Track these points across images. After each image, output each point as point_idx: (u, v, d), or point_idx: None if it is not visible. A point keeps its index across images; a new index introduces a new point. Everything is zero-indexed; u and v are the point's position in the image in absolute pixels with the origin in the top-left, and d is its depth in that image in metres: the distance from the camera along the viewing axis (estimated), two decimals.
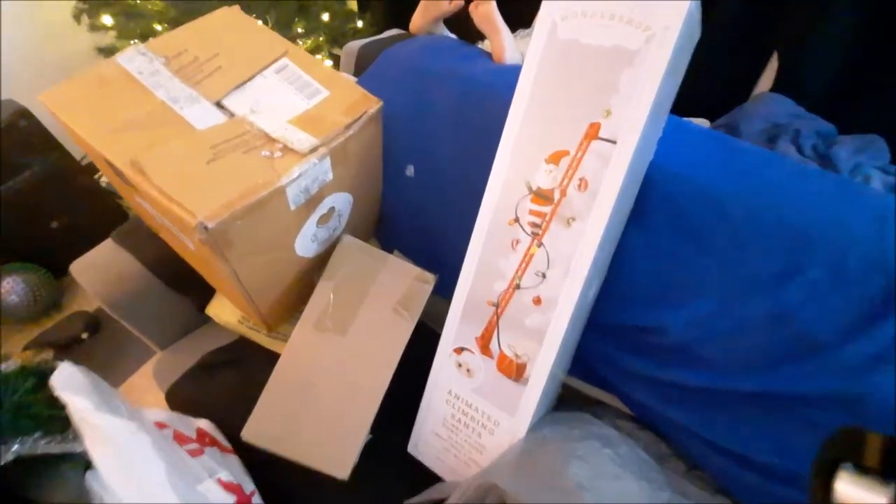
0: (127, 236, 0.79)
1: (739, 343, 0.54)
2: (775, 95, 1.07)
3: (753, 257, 0.54)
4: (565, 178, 0.52)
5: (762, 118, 1.02)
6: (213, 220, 0.46)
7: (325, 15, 1.47)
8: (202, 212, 0.46)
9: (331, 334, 0.62)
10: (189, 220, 0.46)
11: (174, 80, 0.58)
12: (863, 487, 0.22)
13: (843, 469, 0.23)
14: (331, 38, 1.50)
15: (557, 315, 0.54)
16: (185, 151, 0.51)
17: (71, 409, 0.41)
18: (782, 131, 0.99)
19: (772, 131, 1.01)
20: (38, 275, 1.34)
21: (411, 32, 0.90)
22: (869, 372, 0.47)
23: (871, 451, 0.23)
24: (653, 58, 0.46)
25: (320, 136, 0.54)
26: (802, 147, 0.96)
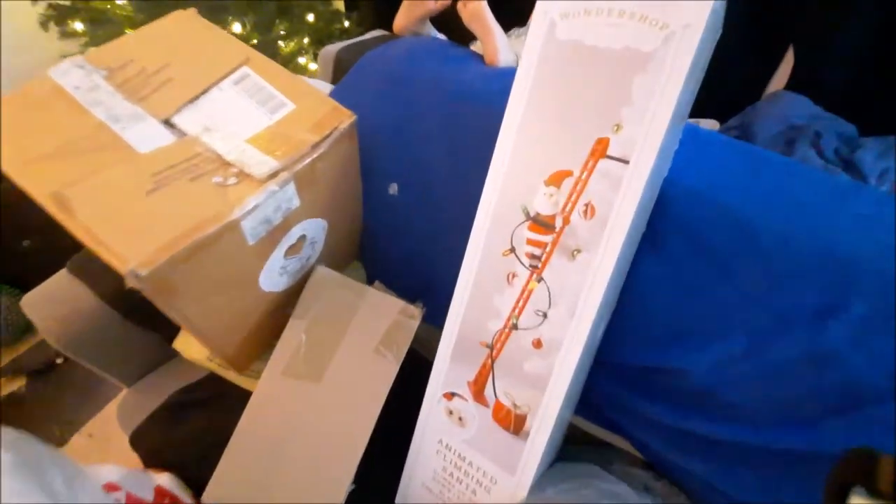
0: (83, 266, 0.71)
1: (773, 391, 0.46)
2: (792, 94, 0.99)
3: (788, 290, 0.46)
4: (568, 202, 0.44)
5: (778, 119, 0.94)
6: (147, 266, 0.38)
7: (309, 15, 1.40)
8: (134, 257, 0.38)
9: (303, 381, 0.55)
10: (119, 267, 0.38)
11: (116, 96, 0.50)
12: None
13: (856, 493, 0.23)
14: (316, 40, 1.42)
15: (562, 361, 0.46)
16: (122, 181, 0.43)
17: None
18: (801, 134, 0.91)
19: (789, 134, 0.93)
20: (8, 297, 1.26)
21: (395, 34, 0.82)
22: None
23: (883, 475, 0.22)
24: (672, 61, 0.38)
25: (282, 159, 0.47)
26: (824, 151, 0.89)
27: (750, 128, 0.96)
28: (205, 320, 0.49)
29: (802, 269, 0.46)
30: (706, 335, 0.49)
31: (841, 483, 0.24)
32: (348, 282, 0.57)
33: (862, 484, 0.23)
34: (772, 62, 1.03)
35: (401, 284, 0.70)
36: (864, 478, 0.23)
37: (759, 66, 1.04)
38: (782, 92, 1.02)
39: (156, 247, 0.39)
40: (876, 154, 0.88)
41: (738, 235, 0.48)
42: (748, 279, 0.48)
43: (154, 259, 0.39)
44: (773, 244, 0.47)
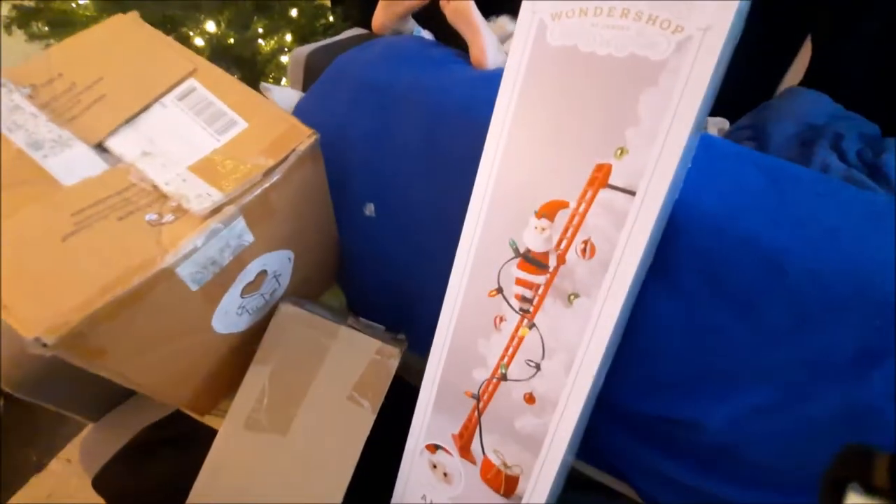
0: None
1: (803, 450, 0.40)
2: (809, 91, 0.91)
3: (820, 333, 0.40)
4: (563, 238, 0.38)
5: (795, 119, 0.87)
6: (55, 332, 0.32)
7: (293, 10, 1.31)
8: (41, 321, 0.32)
9: (268, 434, 0.48)
10: (23, 332, 0.32)
11: (39, 118, 0.43)
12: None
13: (852, 489, 0.22)
14: (299, 37, 1.34)
15: (558, 421, 0.40)
16: (37, 224, 0.37)
17: None
18: (819, 135, 0.84)
19: (806, 135, 0.85)
20: None
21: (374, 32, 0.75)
22: None
23: (879, 471, 0.22)
24: (687, 72, 0.31)
25: (228, 189, 0.40)
26: (845, 154, 0.81)
27: (764, 128, 0.88)
28: (147, 377, 0.43)
29: (837, 309, 0.39)
30: (725, 384, 0.43)
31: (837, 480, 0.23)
32: (317, 320, 0.51)
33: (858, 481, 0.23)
34: (787, 55, 0.95)
35: (381, 311, 0.64)
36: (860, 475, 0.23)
37: (773, 60, 0.96)
38: (798, 88, 0.95)
39: (69, 306, 0.33)
40: None
41: (762, 269, 0.41)
42: (774, 320, 0.41)
43: (65, 322, 0.32)
44: (802, 280, 0.40)
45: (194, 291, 0.40)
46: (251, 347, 0.53)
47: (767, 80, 0.98)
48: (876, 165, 0.79)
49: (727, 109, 0.99)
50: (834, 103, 0.90)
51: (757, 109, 0.97)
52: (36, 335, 0.32)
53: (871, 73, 0.88)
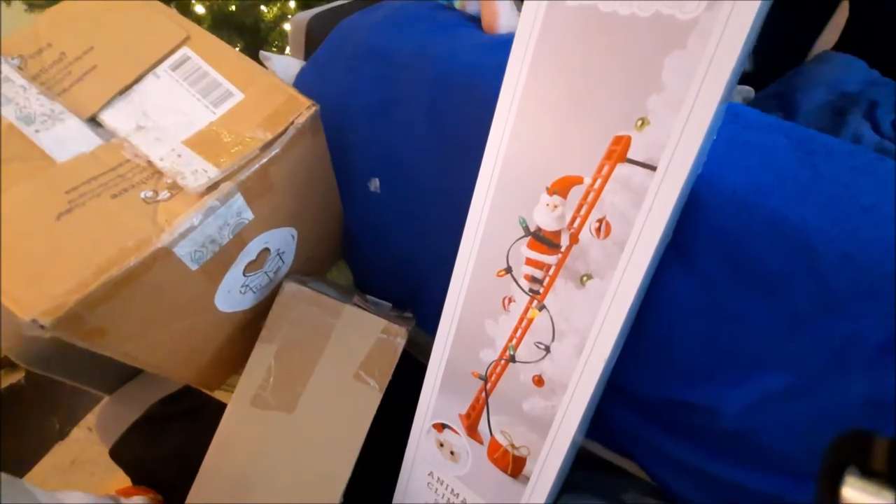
0: None
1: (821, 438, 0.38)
2: (843, 55, 0.85)
3: (848, 319, 0.37)
4: (577, 217, 0.35)
5: (826, 86, 0.81)
6: (51, 314, 0.31)
7: None
8: (36, 303, 0.31)
9: (275, 412, 0.48)
10: (20, 314, 0.31)
11: (30, 91, 0.41)
12: (869, 492, 0.22)
13: (850, 473, 0.23)
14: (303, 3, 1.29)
15: (567, 404, 0.39)
16: (30, 202, 0.36)
17: None
18: (852, 103, 0.78)
19: (839, 103, 0.80)
20: None
21: None
22: None
23: (878, 455, 0.22)
24: (720, 32, 0.28)
25: (225, 165, 0.38)
26: (879, 123, 0.76)
27: (792, 96, 0.83)
28: (152, 356, 0.43)
29: (868, 294, 0.37)
30: (742, 368, 0.41)
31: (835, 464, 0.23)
32: (322, 299, 0.50)
33: (857, 464, 0.23)
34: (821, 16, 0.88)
35: (388, 288, 0.63)
36: (859, 458, 0.23)
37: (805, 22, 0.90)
38: (831, 52, 0.88)
39: (64, 288, 0.32)
40: None
41: (789, 251, 0.39)
42: (799, 305, 0.39)
43: (61, 304, 0.32)
44: (832, 262, 0.37)
45: (194, 271, 0.39)
46: (258, 325, 0.52)
47: (798, 44, 0.92)
48: None
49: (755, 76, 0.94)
50: (870, 69, 0.84)
51: (785, 76, 0.91)
52: (32, 317, 0.31)
53: None
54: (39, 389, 1.21)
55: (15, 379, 1.22)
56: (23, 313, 0.31)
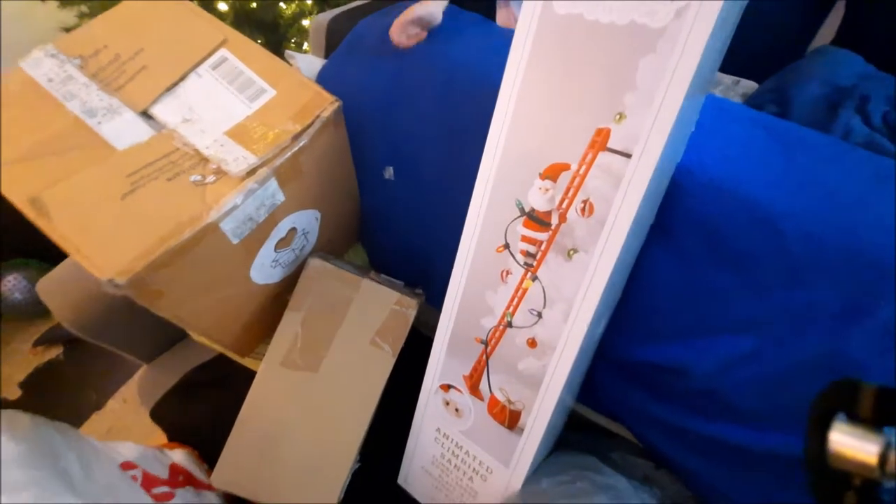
0: None
1: (781, 393, 0.44)
2: (838, 50, 0.87)
3: (807, 290, 0.42)
4: (565, 199, 0.41)
5: (820, 80, 0.84)
6: (124, 275, 0.38)
7: None
8: (112, 265, 0.38)
9: (301, 371, 0.55)
10: (97, 275, 0.38)
11: (91, 87, 0.48)
12: (855, 436, 0.23)
13: (838, 419, 0.24)
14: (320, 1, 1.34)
15: (556, 363, 0.45)
16: (98, 183, 0.42)
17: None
18: (846, 97, 0.81)
19: (833, 96, 0.83)
20: (40, 271, 1.32)
21: None
22: None
23: (864, 401, 0.23)
24: (685, 39, 0.33)
25: (262, 153, 0.44)
26: (870, 116, 0.79)
27: (787, 91, 0.86)
28: (197, 318, 0.49)
29: (826, 268, 0.42)
30: (713, 333, 0.46)
31: (823, 411, 0.24)
32: (343, 274, 0.56)
33: (844, 411, 0.24)
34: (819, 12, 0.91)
35: (400, 268, 0.69)
36: (846, 405, 0.24)
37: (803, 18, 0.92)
38: (828, 47, 0.91)
39: (133, 254, 0.39)
40: None
41: (759, 231, 0.44)
42: (765, 277, 0.44)
43: (131, 267, 0.38)
44: (797, 241, 0.42)
45: (235, 245, 0.46)
46: (285, 298, 0.59)
47: (797, 39, 0.94)
48: None
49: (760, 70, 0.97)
50: (865, 63, 0.87)
51: (783, 71, 0.94)
52: (109, 278, 0.37)
53: None
54: (77, 365, 1.30)
55: (53, 354, 1.31)
56: (101, 274, 0.38)
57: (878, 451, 0.22)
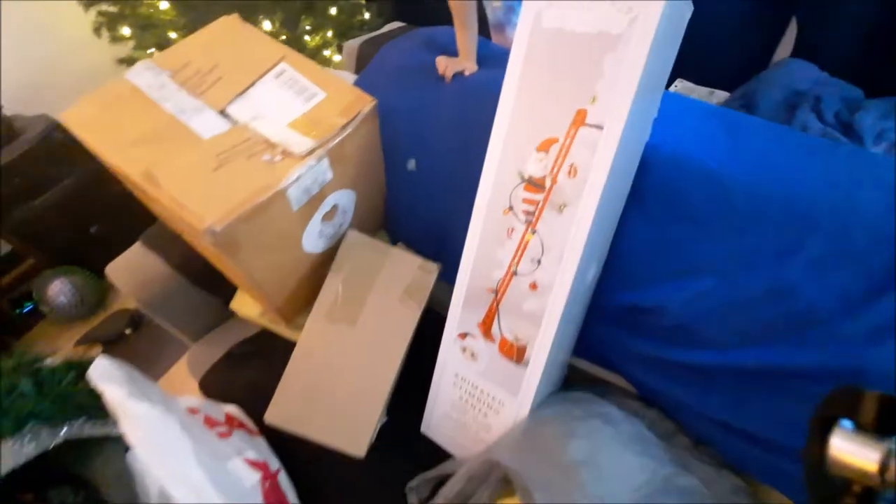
0: (154, 239, 0.84)
1: (737, 319, 0.54)
2: (796, 61, 1.02)
3: (753, 236, 0.54)
4: (555, 165, 0.53)
5: (781, 87, 0.98)
6: (220, 224, 0.49)
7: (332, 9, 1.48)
8: (210, 217, 0.49)
9: (341, 324, 0.66)
10: (197, 225, 0.50)
11: (180, 93, 0.61)
12: (857, 443, 0.23)
13: (839, 426, 0.24)
14: (339, 33, 1.51)
15: (553, 299, 0.55)
16: (193, 161, 0.55)
17: (106, 397, 0.46)
18: (803, 99, 0.95)
19: (792, 99, 0.96)
20: (82, 277, 1.44)
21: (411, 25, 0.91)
22: (869, 345, 0.47)
23: (866, 408, 0.23)
24: (636, 40, 0.46)
25: (318, 138, 0.57)
26: (823, 114, 0.92)
27: (752, 97, 1.00)
28: (261, 274, 0.61)
29: (766, 217, 0.53)
30: (679, 276, 0.57)
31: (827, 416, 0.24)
32: (376, 243, 0.68)
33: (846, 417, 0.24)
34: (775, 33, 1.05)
35: (419, 249, 0.80)
36: (848, 411, 0.24)
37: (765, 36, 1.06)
38: (787, 59, 1.05)
39: (225, 209, 0.50)
40: (877, 115, 0.91)
41: (712, 193, 0.55)
42: (719, 229, 0.55)
43: (224, 219, 0.50)
44: (742, 198, 0.54)
45: (294, 212, 0.58)
46: (323, 271, 0.70)
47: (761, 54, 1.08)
48: (850, 123, 0.91)
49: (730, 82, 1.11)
50: (819, 71, 1.01)
51: (749, 82, 1.09)
52: (208, 225, 0.49)
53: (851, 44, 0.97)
54: (143, 345, 1.40)
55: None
56: (202, 225, 0.49)
57: (878, 459, 0.22)
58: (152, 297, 0.82)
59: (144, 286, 0.82)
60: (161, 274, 0.82)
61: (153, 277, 0.82)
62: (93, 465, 0.51)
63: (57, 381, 0.50)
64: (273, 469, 0.65)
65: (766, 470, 0.56)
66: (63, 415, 0.49)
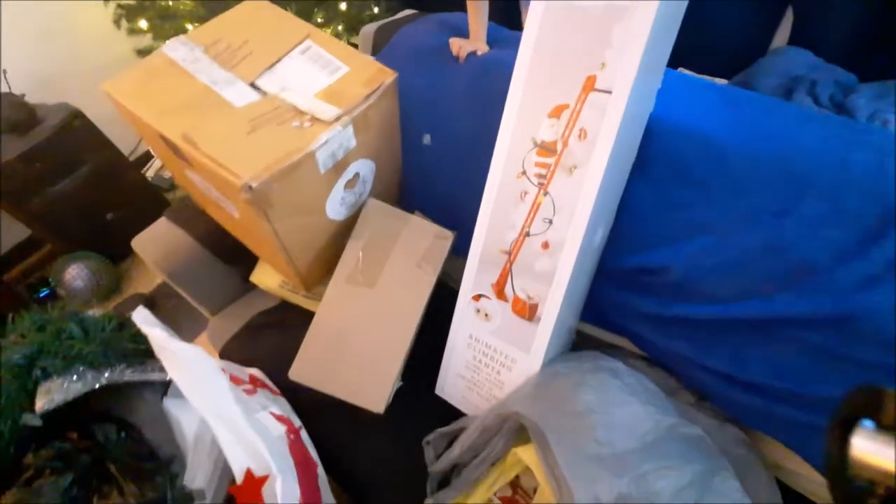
0: (178, 214, 0.88)
1: (737, 275, 0.58)
2: (792, 48, 1.06)
3: (751, 197, 0.57)
4: (566, 129, 0.56)
5: (778, 73, 1.02)
6: (256, 180, 0.53)
7: (342, 4, 1.53)
8: (247, 174, 0.53)
9: (362, 287, 0.69)
10: (235, 182, 0.53)
11: (213, 66, 0.65)
12: (878, 443, 0.22)
13: (861, 426, 0.23)
14: (349, 27, 1.56)
15: (564, 257, 0.59)
16: (228, 125, 0.58)
17: (151, 338, 0.50)
18: (799, 83, 0.99)
19: (788, 85, 1.00)
20: (98, 262, 1.48)
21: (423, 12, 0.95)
22: (860, 292, 0.50)
23: (888, 409, 0.23)
24: (641, 11, 0.50)
25: (343, 107, 0.61)
26: (819, 97, 0.96)
27: (750, 83, 1.04)
28: (288, 236, 0.64)
29: (764, 181, 0.57)
30: (683, 237, 0.61)
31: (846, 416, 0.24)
32: (395, 210, 0.71)
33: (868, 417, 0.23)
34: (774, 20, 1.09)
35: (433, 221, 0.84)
36: (869, 411, 0.23)
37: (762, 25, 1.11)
38: (784, 46, 1.09)
39: (261, 167, 0.54)
40: (870, 97, 0.95)
41: (713, 159, 0.59)
42: (719, 192, 0.59)
43: (260, 175, 0.54)
44: (740, 163, 0.58)
45: (321, 175, 0.61)
46: (343, 239, 0.74)
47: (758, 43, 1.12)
48: (843, 105, 0.95)
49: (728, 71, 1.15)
50: (814, 57, 1.05)
51: (748, 69, 1.13)
52: (245, 182, 0.53)
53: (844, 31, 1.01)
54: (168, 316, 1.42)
55: None
56: (239, 181, 0.53)
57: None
58: (176, 267, 0.86)
59: (169, 257, 0.85)
60: (185, 245, 0.86)
61: (177, 249, 0.86)
62: (132, 408, 0.55)
63: (101, 329, 0.53)
64: (296, 425, 0.69)
65: (765, 418, 0.59)
66: (106, 359, 0.52)
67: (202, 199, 0.79)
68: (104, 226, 1.51)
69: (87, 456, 0.47)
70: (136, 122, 0.63)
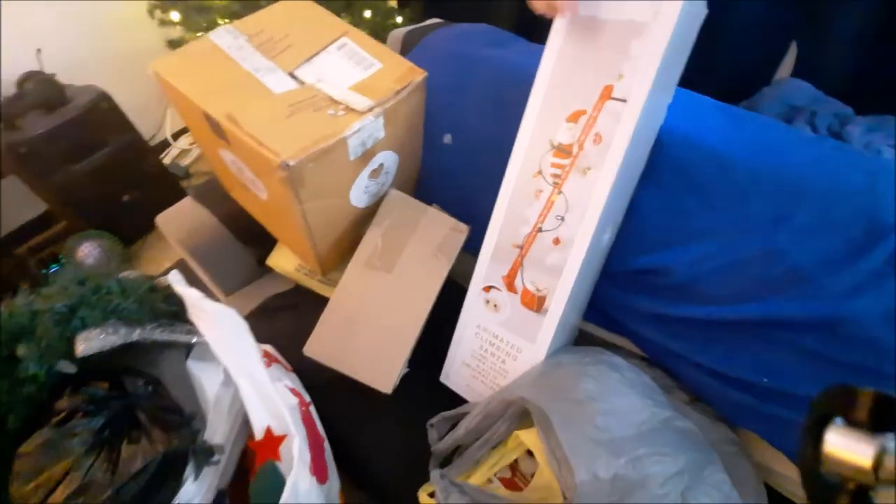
0: (203, 194, 0.92)
1: (734, 278, 0.62)
2: (795, 80, 1.12)
3: (751, 208, 0.62)
4: (583, 133, 0.61)
5: (780, 102, 1.07)
6: (293, 159, 0.57)
7: (367, 12, 1.60)
8: (285, 153, 0.57)
9: (379, 271, 0.73)
10: (274, 160, 0.57)
11: (255, 54, 0.69)
12: (851, 439, 0.23)
13: (834, 423, 0.24)
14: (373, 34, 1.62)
15: (574, 253, 0.63)
16: (268, 109, 0.63)
17: (185, 297, 0.53)
18: (799, 113, 1.04)
19: (789, 114, 1.06)
20: (110, 241, 1.51)
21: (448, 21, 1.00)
22: (847, 299, 0.54)
23: (861, 406, 0.23)
24: (659, 28, 0.54)
25: (375, 99, 0.65)
26: (817, 127, 1.01)
27: (756, 110, 1.09)
28: (313, 216, 0.68)
29: (761, 190, 0.61)
30: (687, 241, 0.65)
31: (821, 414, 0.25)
32: (414, 202, 0.75)
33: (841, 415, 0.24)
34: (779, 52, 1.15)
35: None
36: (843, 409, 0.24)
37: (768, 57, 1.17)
38: (787, 78, 1.15)
39: (298, 147, 0.58)
40: (864, 128, 1.00)
41: (717, 171, 0.64)
42: (721, 200, 0.63)
43: (298, 154, 0.58)
44: (743, 177, 0.62)
45: (350, 161, 0.65)
46: (362, 226, 0.77)
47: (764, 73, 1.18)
48: (840, 135, 1.00)
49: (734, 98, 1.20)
50: (815, 89, 1.11)
51: (753, 97, 1.19)
52: (283, 160, 0.57)
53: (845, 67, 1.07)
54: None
55: None
56: (278, 158, 0.57)
57: (872, 455, 0.22)
58: (197, 244, 0.89)
59: (191, 234, 0.89)
60: (208, 224, 0.89)
61: (200, 227, 0.89)
62: (158, 367, 0.58)
63: (136, 287, 0.56)
64: (307, 400, 0.72)
65: (754, 416, 0.62)
66: (139, 317, 0.55)
67: (229, 182, 0.83)
68: (119, 207, 1.55)
69: (117, 402, 0.50)
70: (181, 101, 0.67)
